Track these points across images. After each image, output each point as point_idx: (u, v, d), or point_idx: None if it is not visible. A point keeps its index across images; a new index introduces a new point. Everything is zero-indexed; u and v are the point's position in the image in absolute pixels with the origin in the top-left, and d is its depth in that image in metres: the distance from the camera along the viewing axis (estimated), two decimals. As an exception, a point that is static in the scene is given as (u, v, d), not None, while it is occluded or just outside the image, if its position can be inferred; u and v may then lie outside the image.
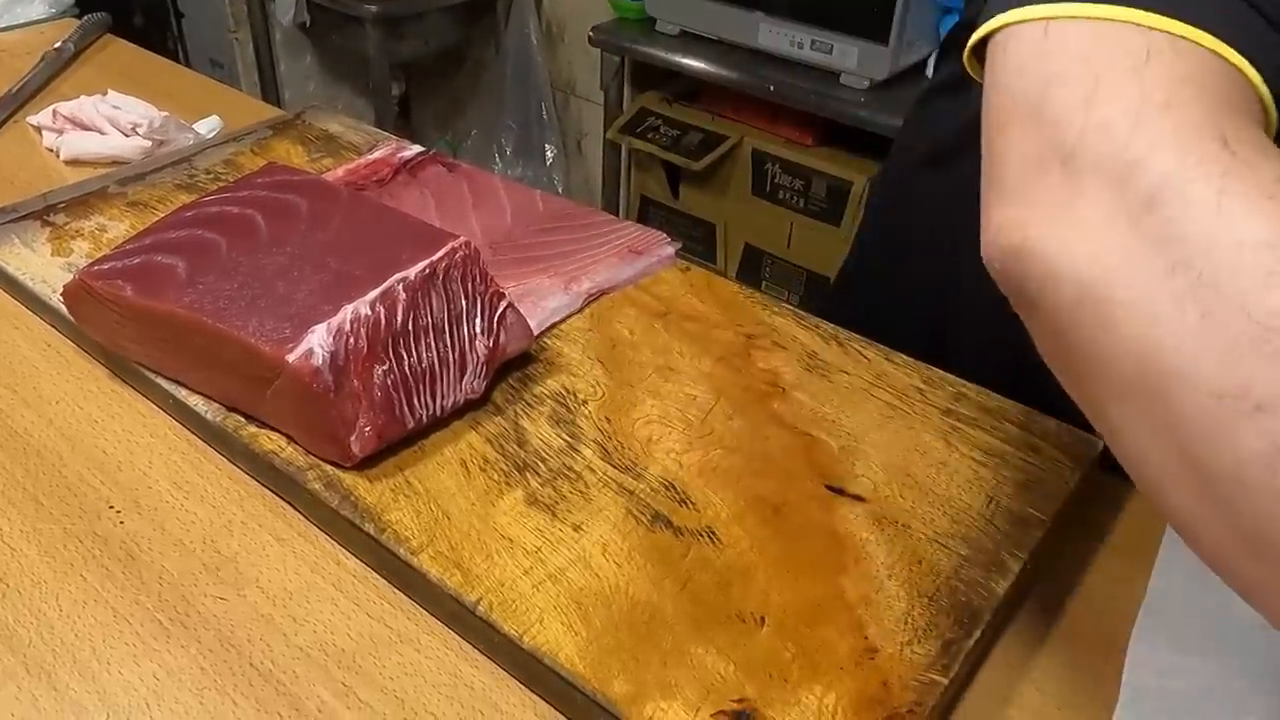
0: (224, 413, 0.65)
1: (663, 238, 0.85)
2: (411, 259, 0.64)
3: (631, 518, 0.59)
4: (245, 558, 0.59)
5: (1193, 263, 0.32)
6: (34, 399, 0.70)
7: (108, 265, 0.66)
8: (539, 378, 0.70)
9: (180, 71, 1.33)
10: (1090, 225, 0.35)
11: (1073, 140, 0.36)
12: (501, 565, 0.55)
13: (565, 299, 0.77)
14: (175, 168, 0.94)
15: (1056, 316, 0.37)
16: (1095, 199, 0.35)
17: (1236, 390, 0.31)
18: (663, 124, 2.09)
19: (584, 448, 0.64)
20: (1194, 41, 0.37)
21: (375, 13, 2.05)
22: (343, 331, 0.59)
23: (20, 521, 0.61)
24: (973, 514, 0.60)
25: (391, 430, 0.61)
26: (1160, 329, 0.33)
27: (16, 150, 1.04)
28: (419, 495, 0.60)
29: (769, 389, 0.70)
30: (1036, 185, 0.37)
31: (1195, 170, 0.33)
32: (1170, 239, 0.33)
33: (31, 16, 1.39)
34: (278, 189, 0.74)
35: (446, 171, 0.94)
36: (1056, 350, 0.39)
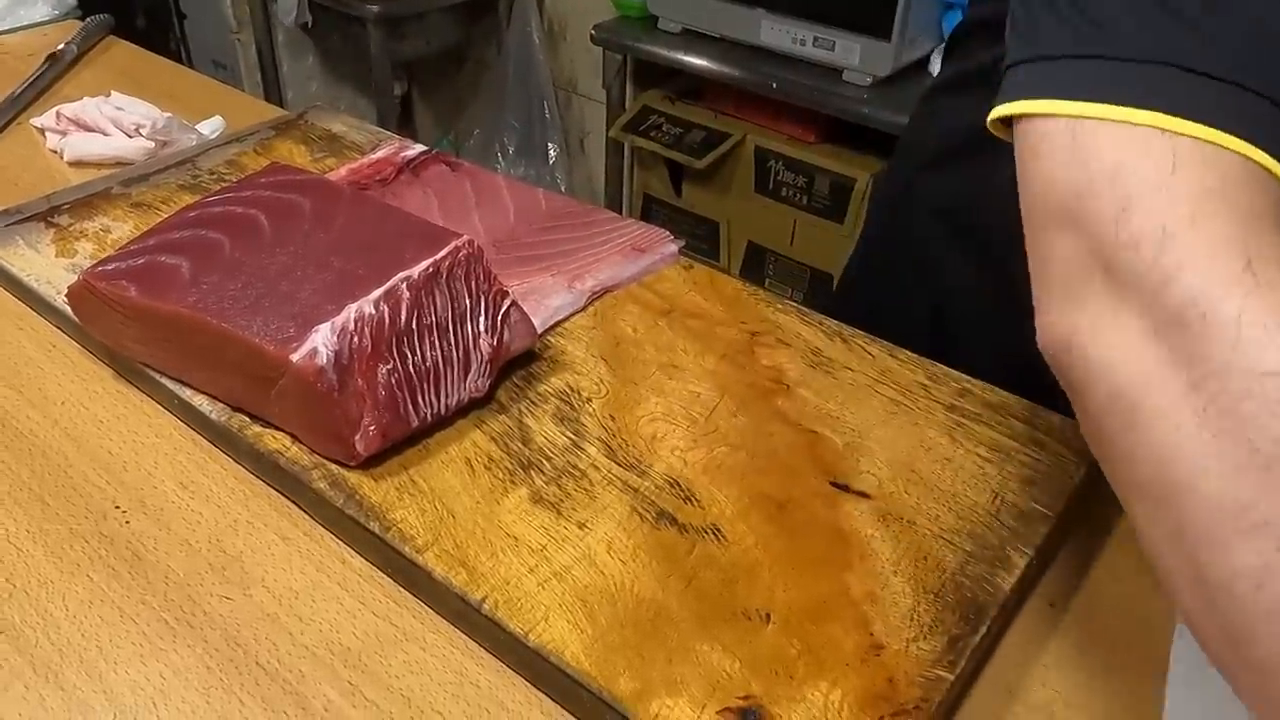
0: (229, 413, 0.65)
1: (665, 235, 0.85)
2: (415, 258, 0.64)
3: (636, 515, 0.59)
4: (251, 557, 0.59)
5: (1210, 383, 0.34)
6: (39, 400, 0.70)
7: (112, 266, 0.66)
8: (543, 376, 0.70)
9: (183, 72, 1.33)
10: (1127, 335, 0.37)
11: (1109, 253, 0.38)
12: (507, 563, 0.55)
13: (569, 297, 0.77)
14: (179, 168, 0.94)
15: (1095, 411, 0.40)
16: (1132, 311, 0.37)
17: (1237, 508, 0.34)
18: (665, 122, 2.09)
19: (588, 445, 0.64)
20: (1219, 145, 0.37)
21: (377, 13, 2.05)
22: (347, 330, 0.59)
23: (27, 522, 0.61)
24: (978, 510, 0.60)
25: (396, 429, 0.61)
26: (1178, 439, 0.35)
27: (20, 152, 1.05)
28: (424, 494, 0.60)
29: (773, 386, 0.70)
30: (1082, 290, 0.39)
31: (1219, 290, 0.35)
32: (1193, 357, 0.35)
33: (34, 18, 1.39)
34: (281, 189, 0.74)
35: (449, 171, 0.94)
36: (1094, 438, 0.41)
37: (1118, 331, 0.38)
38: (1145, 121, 0.38)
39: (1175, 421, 0.35)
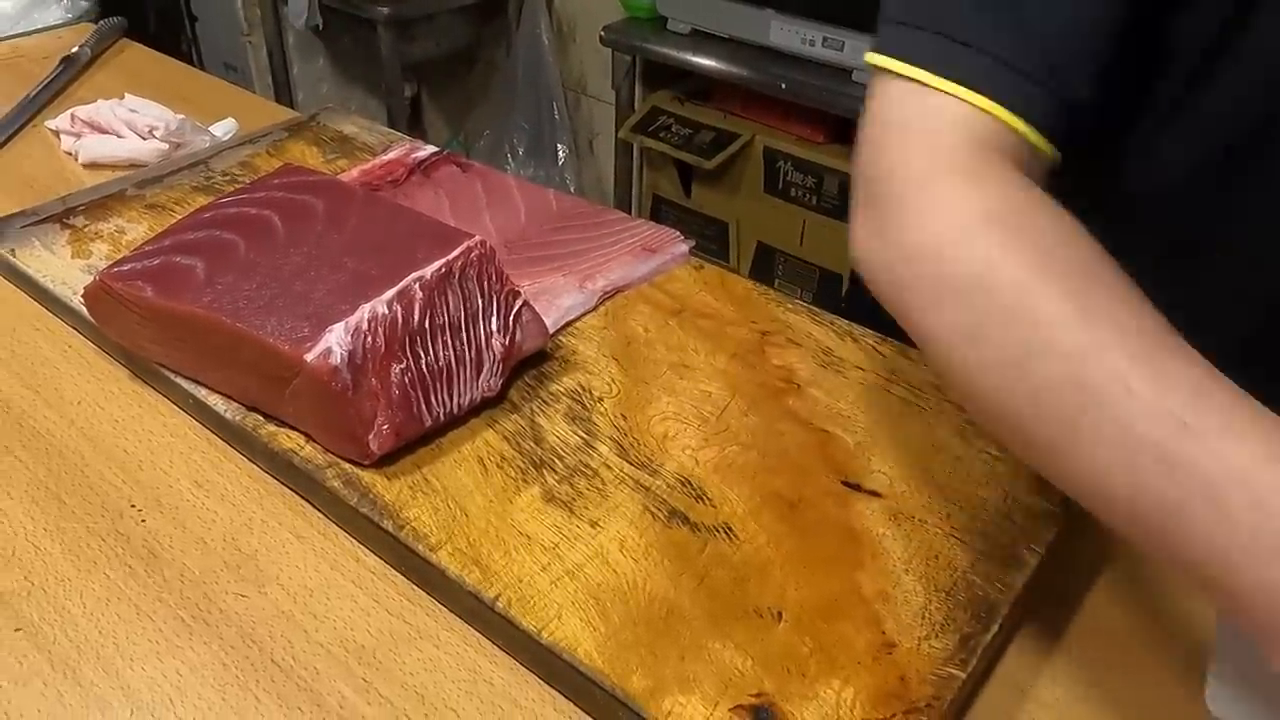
0: (243, 412, 0.65)
1: (676, 235, 0.85)
2: (428, 258, 0.64)
3: (648, 514, 0.59)
4: (266, 555, 0.59)
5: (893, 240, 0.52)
6: (55, 400, 0.71)
7: (127, 266, 0.67)
8: (555, 376, 0.70)
9: (195, 75, 1.34)
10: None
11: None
12: (520, 562, 0.56)
13: (580, 297, 0.77)
14: (192, 170, 0.95)
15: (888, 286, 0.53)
16: (871, 216, 0.53)
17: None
18: (674, 123, 2.09)
19: (600, 444, 0.64)
20: (976, 106, 0.50)
21: (387, 15, 2.06)
22: (360, 330, 0.60)
23: (44, 520, 0.61)
24: (989, 509, 0.60)
25: (409, 428, 0.61)
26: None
27: (35, 154, 1.05)
28: (437, 493, 0.60)
29: (784, 385, 0.70)
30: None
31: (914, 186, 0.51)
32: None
33: (49, 21, 1.40)
34: (294, 190, 0.74)
35: (460, 171, 0.95)
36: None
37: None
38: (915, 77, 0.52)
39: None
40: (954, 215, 0.48)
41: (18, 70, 1.25)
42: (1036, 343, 0.43)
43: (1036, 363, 0.43)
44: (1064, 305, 0.43)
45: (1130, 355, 0.41)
